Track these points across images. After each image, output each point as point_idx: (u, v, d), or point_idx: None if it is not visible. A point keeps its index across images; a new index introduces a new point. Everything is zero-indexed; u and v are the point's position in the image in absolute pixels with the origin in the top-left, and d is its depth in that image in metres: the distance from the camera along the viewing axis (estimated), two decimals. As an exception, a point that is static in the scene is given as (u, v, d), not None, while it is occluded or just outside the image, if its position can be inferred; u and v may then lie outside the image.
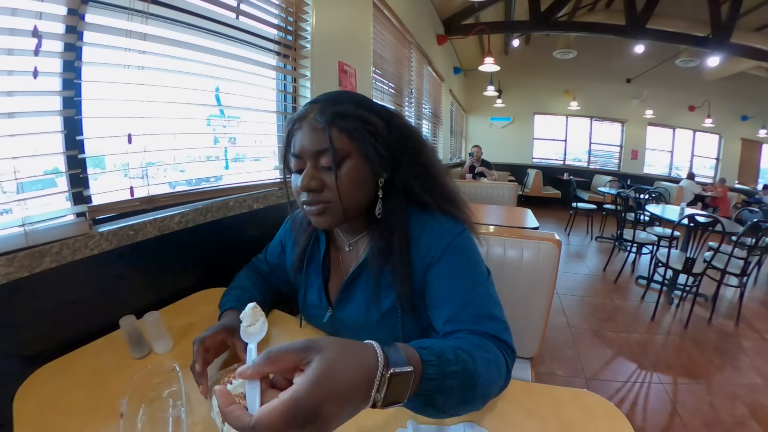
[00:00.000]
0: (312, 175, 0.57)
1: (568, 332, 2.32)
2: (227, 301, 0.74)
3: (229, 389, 0.51)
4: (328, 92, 0.63)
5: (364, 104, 0.61)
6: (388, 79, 2.62)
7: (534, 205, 5.82)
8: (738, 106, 6.95)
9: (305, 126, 0.57)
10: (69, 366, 0.65)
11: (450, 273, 0.60)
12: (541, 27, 4.22)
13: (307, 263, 0.74)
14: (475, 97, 7.49)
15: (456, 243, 0.61)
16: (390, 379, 0.35)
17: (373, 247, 0.64)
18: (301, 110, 0.60)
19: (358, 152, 0.58)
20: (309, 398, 0.30)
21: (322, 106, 0.58)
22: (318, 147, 0.56)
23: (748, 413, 1.63)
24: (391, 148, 0.61)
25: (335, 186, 0.56)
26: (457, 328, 0.55)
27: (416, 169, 0.64)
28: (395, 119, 0.64)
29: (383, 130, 0.60)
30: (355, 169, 0.58)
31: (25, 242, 0.65)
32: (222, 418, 0.33)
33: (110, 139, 0.87)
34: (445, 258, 0.60)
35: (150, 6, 0.86)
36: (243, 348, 0.61)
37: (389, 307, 0.64)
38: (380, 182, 0.62)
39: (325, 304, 0.71)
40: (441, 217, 0.64)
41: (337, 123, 0.56)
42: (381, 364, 0.35)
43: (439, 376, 0.40)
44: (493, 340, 0.54)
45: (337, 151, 0.55)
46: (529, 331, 1.01)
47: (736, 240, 2.45)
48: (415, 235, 0.63)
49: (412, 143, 0.64)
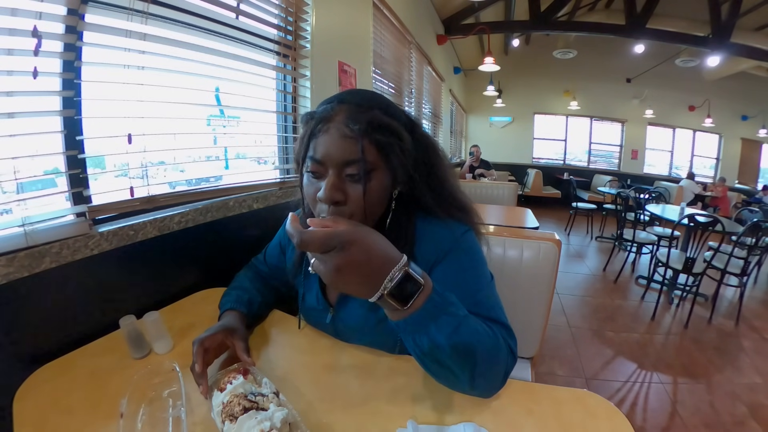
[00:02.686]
0: (336, 186, 0.53)
1: (568, 332, 2.32)
2: (227, 302, 0.74)
3: (229, 389, 0.51)
4: (354, 91, 0.60)
5: (393, 112, 0.58)
6: (388, 79, 2.62)
7: (534, 205, 5.83)
8: (738, 105, 6.95)
9: (333, 130, 0.53)
10: (69, 366, 0.65)
11: (455, 274, 0.59)
12: (541, 27, 4.22)
13: (306, 265, 0.74)
14: (475, 96, 7.49)
15: (460, 244, 0.61)
16: (404, 276, 0.43)
17: None
18: (326, 109, 0.56)
19: (385, 166, 0.55)
20: (346, 234, 0.40)
21: (353, 110, 0.54)
22: (347, 157, 0.52)
23: (748, 413, 1.63)
24: (413, 163, 0.59)
25: (360, 200, 0.53)
26: None
27: (432, 182, 0.62)
28: (417, 129, 0.62)
29: (409, 144, 0.58)
30: (380, 183, 0.55)
31: (25, 242, 0.65)
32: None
33: (110, 139, 0.87)
34: (448, 258, 0.60)
35: (150, 6, 0.85)
36: (243, 348, 0.61)
37: None
38: (394, 194, 0.60)
39: (324, 306, 0.71)
40: (446, 219, 0.63)
41: (370, 134, 0.52)
42: (403, 261, 0.43)
43: (441, 305, 0.46)
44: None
45: (366, 163, 0.53)
46: (529, 331, 1.01)
47: (736, 240, 2.45)
48: (420, 236, 0.62)
49: (430, 156, 0.62)
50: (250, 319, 0.74)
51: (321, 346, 0.72)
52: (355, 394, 0.59)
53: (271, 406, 0.49)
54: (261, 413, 0.47)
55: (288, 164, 1.49)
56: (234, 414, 0.47)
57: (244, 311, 0.72)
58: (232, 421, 0.46)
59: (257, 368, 0.59)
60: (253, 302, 0.76)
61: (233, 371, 0.56)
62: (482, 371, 0.50)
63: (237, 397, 0.50)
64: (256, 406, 0.49)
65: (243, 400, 0.49)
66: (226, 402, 0.50)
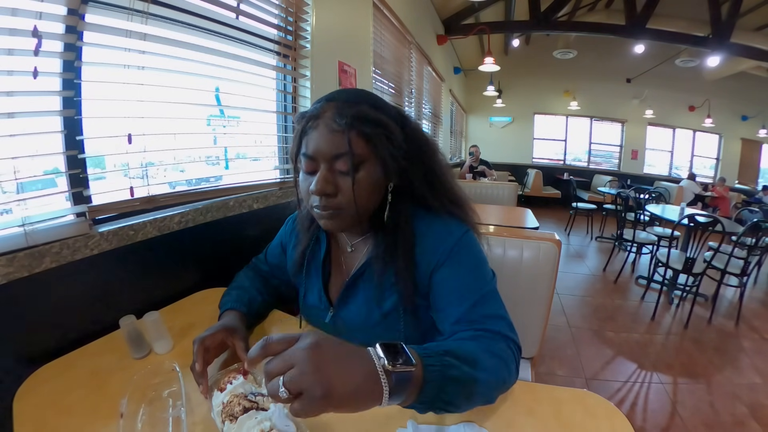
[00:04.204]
0: (327, 179, 0.55)
1: (568, 332, 2.32)
2: (227, 301, 0.74)
3: (229, 389, 0.51)
4: (343, 90, 0.62)
5: (381, 106, 0.60)
6: (388, 79, 2.62)
7: (534, 205, 5.83)
8: (738, 106, 6.95)
9: (321, 126, 0.55)
10: (69, 366, 0.65)
11: (457, 275, 0.59)
12: (541, 27, 4.22)
13: (307, 263, 0.74)
14: (475, 97, 7.49)
15: (461, 244, 0.61)
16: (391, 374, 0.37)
17: (377, 248, 0.63)
18: (316, 107, 0.58)
19: (375, 158, 0.56)
20: (304, 349, 0.35)
21: (340, 106, 0.55)
22: (335, 150, 0.54)
23: (748, 413, 1.63)
24: (405, 154, 0.60)
25: (350, 191, 0.55)
26: (467, 328, 0.55)
27: (427, 175, 0.63)
28: (409, 123, 0.63)
29: (399, 136, 0.59)
30: (371, 174, 0.57)
31: (25, 242, 0.65)
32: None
33: (110, 139, 0.87)
34: (451, 259, 0.60)
35: (150, 6, 0.85)
36: (243, 348, 0.61)
37: (391, 308, 0.64)
38: (390, 187, 0.61)
39: (325, 304, 0.71)
40: (446, 219, 0.64)
41: (356, 126, 0.54)
42: (379, 358, 0.38)
43: (440, 370, 0.41)
44: (503, 338, 0.54)
45: (354, 155, 0.54)
46: (529, 331, 1.01)
47: (736, 240, 2.45)
48: (420, 236, 0.62)
49: (424, 149, 0.63)
50: (251, 318, 0.74)
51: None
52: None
53: (271, 406, 0.49)
54: (261, 413, 0.47)
55: (288, 164, 1.49)
56: (234, 414, 0.47)
57: (244, 311, 0.72)
58: (232, 421, 0.47)
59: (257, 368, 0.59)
60: (253, 302, 0.76)
61: (233, 371, 0.56)
62: (499, 391, 0.52)
63: (237, 397, 0.50)
64: (256, 406, 0.49)
65: (243, 400, 0.49)
66: (226, 402, 0.50)
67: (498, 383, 0.50)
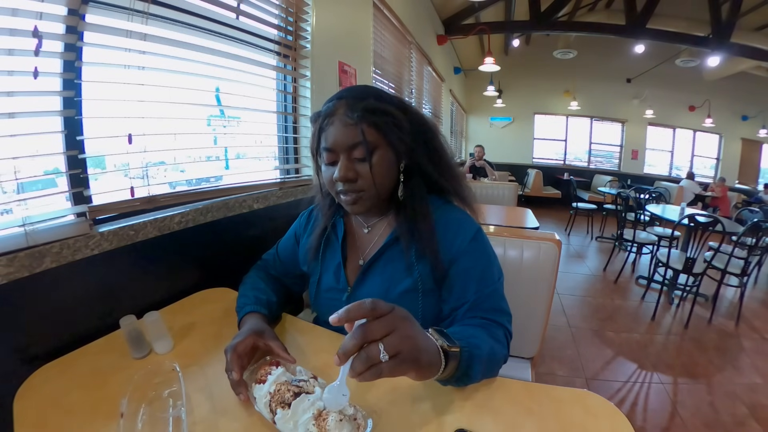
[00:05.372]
0: (347, 167, 0.62)
1: (569, 332, 2.32)
2: (246, 303, 0.73)
3: (271, 379, 0.52)
4: (350, 87, 0.69)
5: (385, 97, 0.67)
6: (388, 79, 2.62)
7: (534, 205, 5.84)
8: (738, 106, 6.94)
9: (336, 122, 0.62)
10: (69, 366, 0.65)
11: (472, 269, 0.66)
12: (541, 27, 4.22)
13: (323, 248, 0.77)
14: (475, 97, 7.49)
15: (475, 242, 0.68)
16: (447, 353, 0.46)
17: (401, 225, 0.69)
18: (329, 106, 0.65)
19: (386, 142, 0.64)
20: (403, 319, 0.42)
21: (350, 102, 0.63)
22: (351, 141, 0.61)
23: (748, 413, 1.63)
24: (410, 137, 0.67)
25: (369, 174, 0.63)
26: (474, 315, 0.64)
27: (430, 154, 0.70)
28: (410, 109, 0.70)
29: (404, 121, 0.66)
30: (384, 158, 0.64)
31: (25, 242, 0.65)
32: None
33: (110, 139, 0.87)
34: (473, 247, 0.67)
35: (150, 6, 0.86)
36: (279, 347, 0.60)
37: (409, 287, 0.68)
38: (401, 167, 0.68)
39: (343, 284, 0.73)
40: (458, 214, 0.71)
41: (367, 118, 0.61)
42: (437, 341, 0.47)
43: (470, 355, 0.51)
44: (502, 329, 0.64)
45: (368, 143, 0.61)
46: (529, 331, 1.01)
47: (737, 240, 2.45)
48: (442, 224, 0.68)
49: (426, 131, 0.70)
50: (270, 320, 0.73)
51: (321, 346, 0.72)
52: (354, 395, 0.59)
53: (316, 389, 0.51)
54: (311, 396, 0.49)
55: (288, 164, 1.49)
56: (285, 401, 0.49)
57: (265, 312, 0.72)
58: (284, 408, 0.48)
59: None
60: (271, 303, 0.76)
61: (266, 364, 0.57)
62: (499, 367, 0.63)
63: (283, 385, 0.51)
64: (303, 390, 0.50)
65: (290, 386, 0.51)
66: (273, 391, 0.51)
67: (500, 362, 0.62)
